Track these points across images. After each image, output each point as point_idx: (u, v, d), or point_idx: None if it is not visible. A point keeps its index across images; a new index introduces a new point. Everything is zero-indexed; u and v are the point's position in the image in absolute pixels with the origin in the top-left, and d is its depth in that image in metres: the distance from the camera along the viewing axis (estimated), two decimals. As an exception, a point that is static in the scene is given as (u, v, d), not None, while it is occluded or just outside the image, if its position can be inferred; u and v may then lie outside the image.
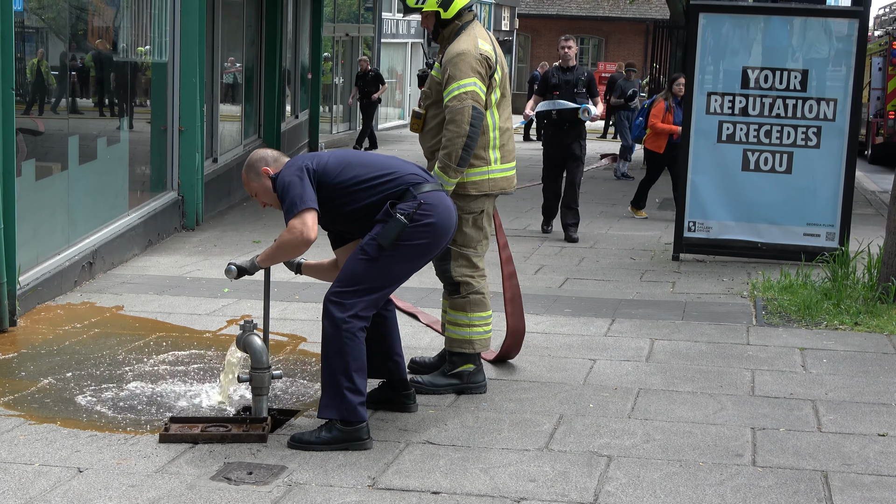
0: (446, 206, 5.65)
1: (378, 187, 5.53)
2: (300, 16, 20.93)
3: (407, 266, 5.62)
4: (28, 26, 8.86)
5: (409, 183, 5.55)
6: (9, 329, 7.58)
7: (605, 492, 5.02)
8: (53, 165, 9.21)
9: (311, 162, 5.53)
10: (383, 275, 5.53)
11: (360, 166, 5.59)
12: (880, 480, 5.24)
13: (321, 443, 5.44)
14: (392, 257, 5.49)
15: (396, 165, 5.67)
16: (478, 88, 6.17)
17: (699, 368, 7.16)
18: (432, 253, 5.71)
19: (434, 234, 5.58)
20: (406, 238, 5.48)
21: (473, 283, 6.42)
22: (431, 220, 5.53)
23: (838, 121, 10.79)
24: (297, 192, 5.36)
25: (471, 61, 6.19)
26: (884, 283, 8.97)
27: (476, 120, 6.14)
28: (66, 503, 4.75)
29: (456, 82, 6.17)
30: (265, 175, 5.57)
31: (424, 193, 5.55)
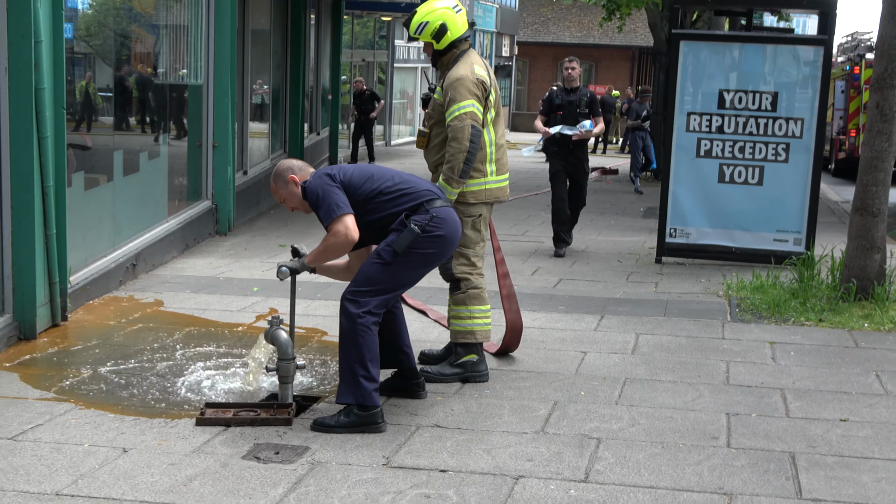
0: (454, 220, 5.73)
1: (396, 200, 5.59)
2: (321, 43, 20.94)
3: (416, 271, 5.70)
4: (77, 52, 8.89)
5: (424, 198, 5.63)
6: (61, 323, 7.60)
7: (594, 470, 5.04)
8: (100, 177, 9.23)
9: (338, 173, 5.58)
10: (395, 277, 5.59)
11: (382, 180, 5.64)
12: (842, 461, 5.25)
13: (340, 426, 5.46)
14: (404, 263, 5.56)
15: (413, 181, 5.73)
16: (475, 109, 6.28)
17: (679, 360, 7.17)
18: (438, 261, 5.82)
19: (442, 245, 5.65)
20: (418, 247, 5.54)
21: (472, 279, 6.47)
22: (441, 233, 5.61)
23: (805, 138, 10.81)
24: (333, 199, 5.42)
25: (468, 85, 6.29)
26: (845, 283, 8.97)
27: (475, 137, 6.25)
28: (113, 480, 4.78)
29: (456, 104, 6.27)
30: (293, 182, 5.61)
31: (436, 208, 5.62)
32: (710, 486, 4.88)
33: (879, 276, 9.00)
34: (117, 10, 9.92)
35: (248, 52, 14.32)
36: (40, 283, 7.32)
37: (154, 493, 4.63)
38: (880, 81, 8.99)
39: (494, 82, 6.60)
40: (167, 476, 4.83)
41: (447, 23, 6.37)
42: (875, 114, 9.01)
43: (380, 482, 4.83)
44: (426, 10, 6.42)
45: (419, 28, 6.42)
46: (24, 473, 4.83)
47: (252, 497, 4.62)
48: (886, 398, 6.38)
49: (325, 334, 7.61)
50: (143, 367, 6.64)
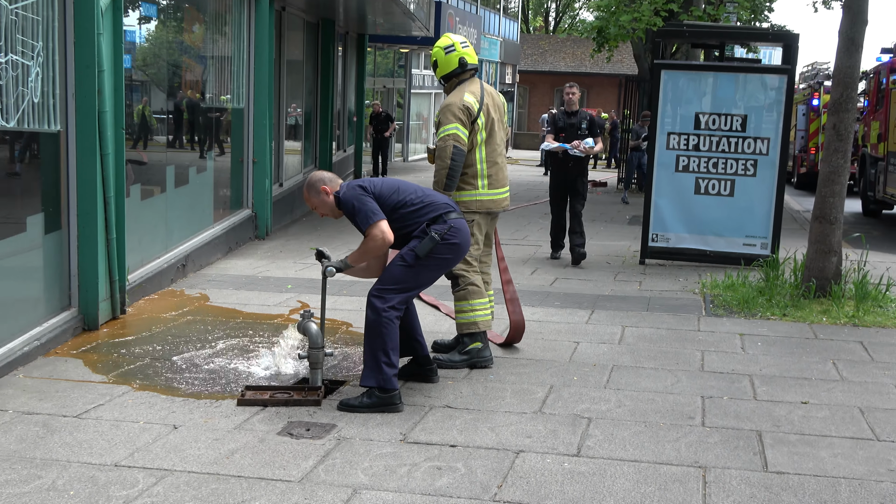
0: (466, 230, 5.78)
1: (420, 211, 5.63)
2: (347, 71, 20.98)
3: (434, 273, 5.73)
4: (135, 80, 8.91)
5: (443, 210, 5.67)
6: (120, 316, 7.62)
7: (586, 446, 5.03)
8: (155, 188, 9.26)
9: (369, 185, 5.60)
10: (416, 278, 5.62)
11: (406, 193, 5.67)
12: (803, 438, 5.24)
13: (363, 406, 5.47)
14: (425, 266, 5.60)
15: (433, 195, 5.78)
16: (458, 131, 6.35)
17: (660, 349, 7.15)
18: (452, 265, 5.85)
19: (456, 251, 5.71)
20: (437, 252, 5.58)
21: (468, 275, 6.49)
22: (457, 241, 5.67)
23: (771, 155, 10.79)
24: (369, 207, 5.45)
25: (454, 111, 6.39)
26: (806, 283, 8.96)
27: (456, 155, 6.33)
28: (165, 453, 4.79)
29: (443, 127, 6.39)
30: (324, 192, 5.62)
31: (453, 220, 5.67)
32: (687, 459, 4.87)
33: (836, 276, 8.99)
34: (170, 43, 9.94)
35: (284, 80, 14.35)
36: (102, 281, 7.34)
37: (200, 465, 4.64)
38: (836, 106, 8.98)
39: (496, 107, 6.64)
40: (212, 450, 4.84)
41: (438, 60, 6.59)
42: (832, 134, 8.99)
43: (397, 455, 4.83)
44: (436, 44, 6.65)
45: (433, 61, 6.68)
46: (88, 447, 4.84)
47: (286, 468, 4.62)
48: (842, 383, 6.36)
49: (351, 325, 7.61)
50: (191, 353, 6.66)
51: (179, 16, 10.26)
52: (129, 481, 4.42)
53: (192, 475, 4.51)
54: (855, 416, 5.67)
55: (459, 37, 6.69)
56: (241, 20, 11.79)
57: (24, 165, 6.75)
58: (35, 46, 6.50)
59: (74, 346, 6.81)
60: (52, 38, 6.76)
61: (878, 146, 17.49)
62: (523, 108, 48.84)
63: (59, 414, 5.33)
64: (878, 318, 8.25)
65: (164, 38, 9.84)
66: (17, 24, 6.26)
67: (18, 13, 6.27)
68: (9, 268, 6.39)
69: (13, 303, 6.45)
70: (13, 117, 6.25)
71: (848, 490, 4.54)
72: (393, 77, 31.26)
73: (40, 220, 6.80)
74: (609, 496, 4.39)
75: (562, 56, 48.89)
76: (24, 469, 4.53)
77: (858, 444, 5.17)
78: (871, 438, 5.28)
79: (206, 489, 4.35)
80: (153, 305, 8.18)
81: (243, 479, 4.49)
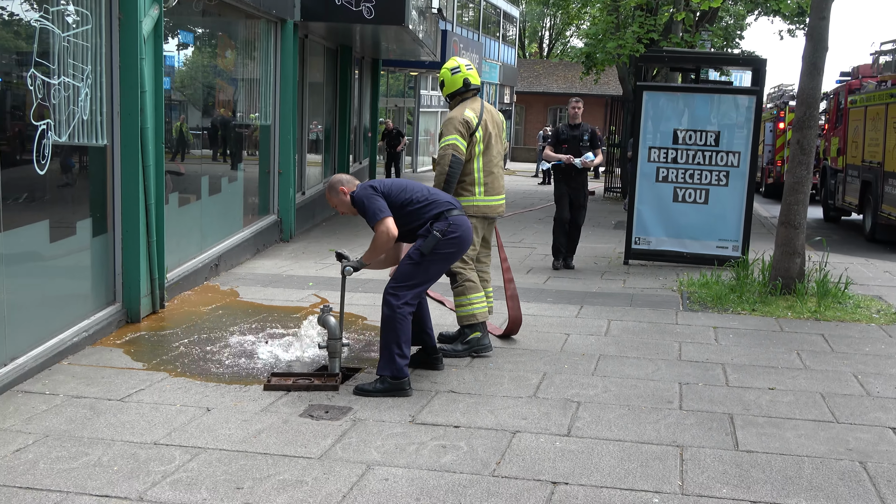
0: (467, 225, 5.71)
1: (424, 209, 5.60)
2: (363, 92, 20.96)
3: (440, 266, 5.69)
4: (174, 99, 8.91)
5: (444, 208, 5.62)
6: (159, 310, 7.62)
7: (575, 427, 5.01)
8: (191, 197, 9.25)
9: (379, 186, 5.58)
10: (425, 273, 5.59)
11: (414, 192, 5.64)
12: (770, 420, 5.22)
13: (377, 391, 5.46)
14: (431, 261, 5.56)
15: (438, 194, 5.73)
16: (458, 142, 6.37)
17: (642, 341, 7.13)
18: (458, 257, 5.78)
19: (459, 244, 5.65)
20: (440, 248, 5.54)
21: (465, 272, 6.49)
22: (458, 235, 5.62)
23: (741, 167, 10.77)
24: (375, 206, 5.43)
25: (455, 124, 6.41)
26: (773, 281, 8.94)
27: (454, 163, 6.35)
28: (199, 432, 4.78)
29: (444, 138, 6.42)
30: (342, 192, 5.62)
31: (453, 216, 5.61)
32: (666, 439, 4.85)
33: (800, 275, 8.96)
34: (205, 67, 9.94)
35: (306, 100, 14.35)
36: (143, 279, 7.34)
37: (231, 443, 4.63)
38: (800, 123, 8.95)
39: (495, 123, 6.66)
40: (241, 430, 4.84)
41: (445, 80, 6.63)
42: (796, 149, 8.97)
43: (407, 435, 4.82)
44: (444, 66, 6.66)
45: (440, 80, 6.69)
46: (130, 427, 4.84)
47: (307, 446, 4.61)
48: (805, 371, 6.34)
49: (366, 319, 7.60)
50: (222, 343, 6.65)
51: (213, 42, 10.26)
52: (167, 458, 4.42)
53: (223, 452, 4.51)
54: (817, 400, 5.64)
55: (465, 60, 6.72)
56: (269, 46, 11.79)
57: (74, 176, 6.75)
58: (84, 70, 6.50)
59: (118, 337, 6.81)
60: (99, 63, 6.76)
61: (837, 160, 17.48)
62: (520, 125, 48.82)
63: (104, 398, 5.32)
64: (837, 313, 8.22)
65: (199, 63, 9.84)
66: (69, 49, 6.26)
67: (70, 40, 6.28)
68: (61, 267, 6.39)
69: (64, 298, 6.45)
70: (65, 133, 6.25)
71: (811, 467, 4.52)
72: (404, 97, 31.25)
73: (89, 224, 6.80)
74: (596, 472, 4.38)
75: (554, 78, 48.84)
76: (73, 447, 4.53)
77: (820, 426, 5.15)
78: (832, 421, 5.26)
79: (236, 465, 4.35)
80: (189, 301, 8.17)
81: (269, 455, 4.48)
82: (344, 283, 5.90)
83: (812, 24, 8.93)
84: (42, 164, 5.91)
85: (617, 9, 21.61)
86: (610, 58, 21.34)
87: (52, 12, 6.04)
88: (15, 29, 5.72)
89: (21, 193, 5.77)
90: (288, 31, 12.01)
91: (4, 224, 5.46)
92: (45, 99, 5.94)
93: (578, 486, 4.20)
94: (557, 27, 59.79)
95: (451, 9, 32.53)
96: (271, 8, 11.10)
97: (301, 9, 12.29)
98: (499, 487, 4.17)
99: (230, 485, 4.12)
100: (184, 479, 4.16)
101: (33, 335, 5.89)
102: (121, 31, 6.99)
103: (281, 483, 4.15)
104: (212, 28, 10.08)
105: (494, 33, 41.37)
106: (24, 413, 5.01)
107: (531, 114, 48.83)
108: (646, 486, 4.22)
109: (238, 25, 10.74)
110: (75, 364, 6.01)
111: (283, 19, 11.87)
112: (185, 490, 4.05)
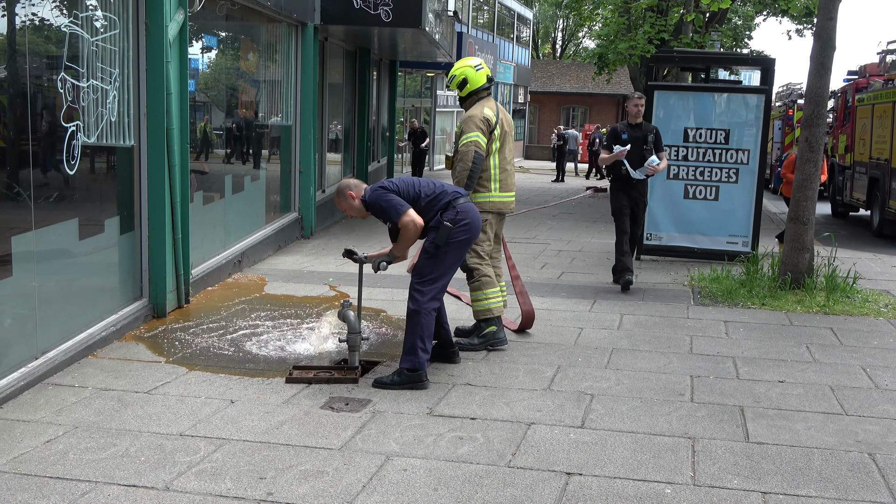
0: (475, 211, 5.68)
1: (433, 201, 5.56)
2: (381, 93, 20.95)
3: (457, 255, 5.63)
4: (198, 101, 8.93)
5: (451, 198, 5.59)
6: (184, 305, 7.64)
7: (589, 419, 4.99)
8: (215, 195, 9.28)
9: (388, 185, 5.56)
10: (443, 264, 5.55)
11: (422, 186, 5.61)
12: (780, 413, 5.18)
13: (395, 384, 5.45)
14: (446, 252, 5.53)
15: (443, 186, 5.68)
16: (479, 139, 6.34)
17: (654, 334, 7.09)
18: (471, 243, 5.71)
19: (470, 229, 5.60)
20: (453, 237, 5.52)
21: (481, 268, 6.47)
22: (467, 221, 5.57)
23: (751, 164, 10.71)
24: (394, 203, 5.42)
25: (476, 121, 6.38)
26: (782, 276, 8.88)
27: (477, 159, 6.32)
28: (223, 424, 4.79)
29: (465, 135, 6.38)
30: (351, 197, 5.60)
31: (461, 205, 5.59)
32: (678, 431, 4.82)
33: (809, 270, 8.90)
34: (228, 69, 9.96)
35: (326, 101, 14.35)
36: (169, 275, 7.36)
37: (254, 434, 4.64)
38: (809, 121, 8.88)
39: (507, 122, 6.63)
40: (264, 421, 4.84)
41: (468, 77, 6.51)
42: (805, 146, 8.90)
43: (425, 427, 4.81)
44: (455, 67, 6.60)
45: (450, 80, 6.61)
46: (156, 419, 4.85)
47: (328, 438, 4.61)
48: (814, 364, 6.28)
49: (385, 312, 7.60)
50: (246, 337, 6.66)
51: (236, 46, 10.28)
52: (192, 448, 4.42)
53: (246, 443, 4.51)
54: (826, 393, 5.60)
55: (476, 58, 6.70)
56: (290, 49, 11.79)
57: (102, 175, 6.78)
58: (112, 73, 6.52)
59: (145, 331, 6.83)
60: (127, 66, 6.78)
61: (845, 157, 17.35)
62: (534, 124, 48.73)
63: (131, 390, 5.34)
64: (845, 307, 8.15)
65: (223, 65, 9.86)
66: (98, 53, 6.28)
67: (98, 44, 6.30)
68: (90, 263, 6.42)
69: (93, 294, 6.48)
70: (94, 134, 6.27)
71: (820, 458, 4.48)
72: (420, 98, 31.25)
73: (116, 222, 6.82)
74: (609, 463, 4.35)
75: (567, 78, 48.71)
76: (101, 438, 4.55)
77: (829, 418, 5.10)
78: (841, 413, 5.21)
79: (259, 455, 4.35)
80: (213, 296, 8.19)
81: (291, 447, 4.48)
82: (361, 278, 5.89)
83: (820, 24, 8.85)
84: (72, 164, 5.94)
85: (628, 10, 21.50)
86: (622, 58, 21.23)
87: (81, 17, 6.06)
88: (46, 34, 5.74)
89: (51, 193, 5.79)
90: (308, 34, 12.02)
91: (35, 222, 5.49)
92: (74, 101, 5.96)
93: (592, 477, 4.18)
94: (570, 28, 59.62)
95: (466, 11, 32.48)
96: (292, 12, 11.10)
97: (321, 12, 12.29)
98: (514, 478, 4.15)
99: (253, 475, 4.12)
100: (208, 470, 4.17)
101: (63, 330, 5.92)
102: (147, 35, 7.01)
103: (302, 473, 4.15)
104: (235, 31, 10.09)
105: (508, 35, 41.27)
106: (54, 405, 5.03)
107: (544, 113, 48.72)
108: (658, 477, 4.19)
109: (260, 29, 10.75)
110: (103, 357, 6.04)
111: (304, 23, 11.88)
112: (210, 480, 4.05)
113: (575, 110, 48.64)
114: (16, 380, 5.21)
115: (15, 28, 5.35)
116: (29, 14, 5.50)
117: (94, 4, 6.27)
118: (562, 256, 11.29)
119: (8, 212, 5.32)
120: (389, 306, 7.77)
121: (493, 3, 38.05)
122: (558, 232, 13.81)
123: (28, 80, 5.46)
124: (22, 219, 5.38)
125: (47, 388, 5.32)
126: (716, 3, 17.88)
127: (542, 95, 48.09)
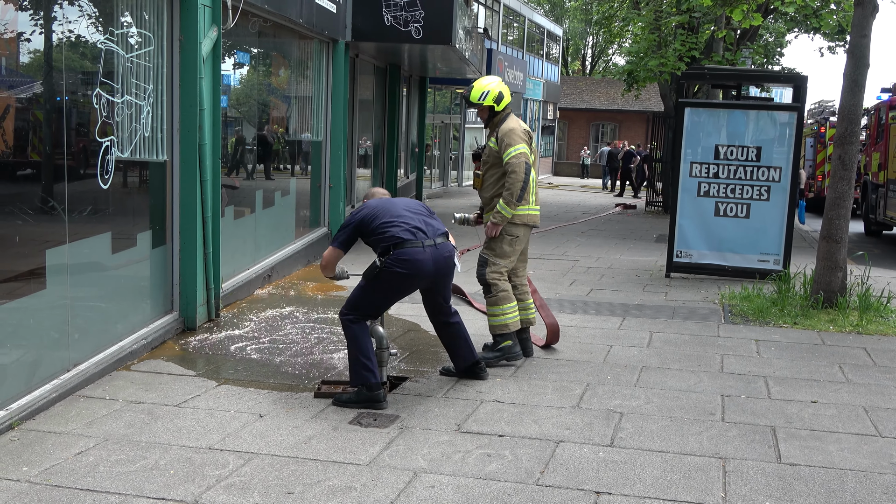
0: (414, 261, 5.42)
1: (381, 239, 5.48)
2: (411, 109, 21.04)
3: (386, 295, 5.56)
4: (230, 117, 9.01)
5: (394, 242, 5.43)
6: (215, 318, 7.68)
7: (618, 437, 4.94)
8: (245, 210, 9.34)
9: (356, 213, 5.64)
10: (370, 297, 5.51)
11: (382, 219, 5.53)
12: (812, 433, 5.10)
13: (351, 402, 5.36)
14: (373, 289, 5.48)
15: (404, 223, 5.51)
16: (526, 150, 6.37)
17: (684, 353, 7.03)
18: (402, 292, 5.60)
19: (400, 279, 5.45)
20: (381, 278, 5.43)
21: (500, 283, 6.46)
22: (399, 270, 5.41)
23: (782, 182, 10.60)
24: (339, 231, 5.70)
25: (520, 133, 6.41)
26: (815, 295, 8.76)
27: (527, 171, 6.35)
28: (252, 437, 4.80)
29: (513, 147, 6.35)
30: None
31: (400, 251, 5.41)
32: (709, 451, 4.76)
33: (842, 289, 8.78)
34: (259, 85, 10.05)
35: (357, 116, 14.44)
36: (200, 289, 7.41)
37: (282, 449, 4.64)
38: (841, 139, 8.79)
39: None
40: (292, 436, 4.84)
41: (503, 92, 6.55)
42: (838, 164, 8.80)
43: (453, 443, 4.79)
44: (486, 83, 6.56)
45: (483, 95, 6.53)
46: (186, 432, 4.87)
47: (356, 453, 4.60)
48: (847, 385, 6.19)
49: (419, 326, 7.58)
50: (275, 351, 6.68)
51: (268, 62, 10.37)
52: (221, 462, 4.43)
53: (274, 458, 4.51)
54: (860, 414, 5.51)
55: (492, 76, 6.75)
56: (321, 65, 11.88)
57: (135, 190, 6.85)
58: (146, 89, 6.60)
59: (175, 344, 6.87)
60: (160, 82, 6.86)
61: (878, 174, 17.16)
62: (563, 141, 48.67)
63: (161, 403, 5.37)
64: (879, 327, 8.03)
65: (254, 81, 9.94)
66: (132, 70, 6.36)
67: (133, 61, 6.38)
68: (122, 276, 6.48)
69: (125, 307, 6.53)
70: (127, 149, 6.34)
71: (854, 481, 4.40)
72: (450, 114, 31.33)
73: (148, 236, 6.88)
74: (639, 482, 4.31)
75: (597, 95, 48.63)
76: (131, 451, 4.57)
77: (863, 440, 5.02)
78: (875, 435, 5.12)
79: (287, 470, 4.35)
80: (243, 309, 8.23)
81: (319, 462, 4.48)
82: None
83: (853, 41, 8.77)
84: (105, 178, 6.00)
85: (659, 27, 21.43)
86: (652, 75, 21.15)
87: (116, 34, 6.14)
88: (81, 50, 5.82)
89: (85, 207, 5.86)
90: (339, 50, 12.10)
91: (69, 236, 5.55)
92: (109, 117, 6.03)
93: (622, 496, 4.13)
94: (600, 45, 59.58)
95: (496, 28, 32.57)
96: (324, 29, 11.19)
97: (352, 30, 12.38)
98: (543, 496, 4.12)
99: (281, 490, 4.12)
100: (237, 484, 4.17)
101: (95, 342, 5.97)
102: (181, 51, 7.09)
103: (330, 489, 4.15)
104: (267, 48, 10.18)
105: (538, 51, 41.31)
106: (85, 417, 5.07)
107: (574, 129, 48.65)
108: (689, 498, 4.14)
109: (292, 45, 10.84)
110: (134, 370, 6.08)
111: (335, 39, 11.96)
112: (239, 494, 4.05)
113: (604, 127, 48.52)
114: (48, 391, 5.26)
115: (52, 45, 5.44)
116: (66, 31, 5.58)
117: (130, 21, 6.36)
118: (591, 273, 11.23)
119: (43, 225, 5.39)
120: (421, 321, 7.76)
121: (522, 19, 38.13)
122: (587, 249, 13.75)
123: (64, 95, 5.53)
124: (56, 232, 5.45)
125: (79, 401, 5.36)
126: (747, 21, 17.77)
127: (571, 112, 48.03)
